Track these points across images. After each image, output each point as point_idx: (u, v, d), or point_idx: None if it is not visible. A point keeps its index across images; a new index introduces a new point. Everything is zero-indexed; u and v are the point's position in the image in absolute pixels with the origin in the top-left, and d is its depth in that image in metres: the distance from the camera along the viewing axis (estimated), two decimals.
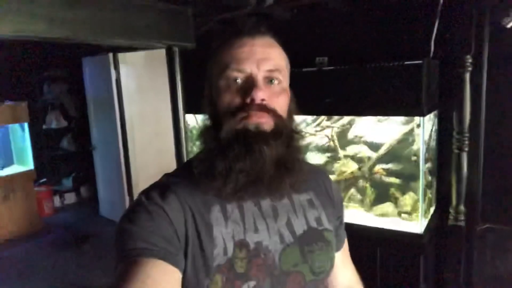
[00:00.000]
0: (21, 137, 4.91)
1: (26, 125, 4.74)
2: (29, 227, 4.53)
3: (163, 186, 0.77)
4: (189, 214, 0.74)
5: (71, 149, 5.56)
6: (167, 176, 0.83)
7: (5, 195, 4.38)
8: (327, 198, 0.92)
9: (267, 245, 0.77)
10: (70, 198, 5.59)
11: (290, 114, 0.82)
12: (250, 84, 0.74)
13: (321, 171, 1.00)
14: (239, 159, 0.71)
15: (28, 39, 2.06)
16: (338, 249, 0.95)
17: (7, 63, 4.89)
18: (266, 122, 0.74)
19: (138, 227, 0.70)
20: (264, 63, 0.75)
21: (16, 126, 4.80)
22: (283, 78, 0.79)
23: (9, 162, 4.91)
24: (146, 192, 0.76)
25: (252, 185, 0.73)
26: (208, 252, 0.72)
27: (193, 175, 0.77)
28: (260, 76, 0.75)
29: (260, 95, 0.73)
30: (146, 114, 4.40)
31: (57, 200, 5.41)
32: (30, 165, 4.79)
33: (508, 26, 1.73)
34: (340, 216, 0.97)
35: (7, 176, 4.46)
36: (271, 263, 0.76)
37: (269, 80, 0.76)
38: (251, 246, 0.75)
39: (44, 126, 5.31)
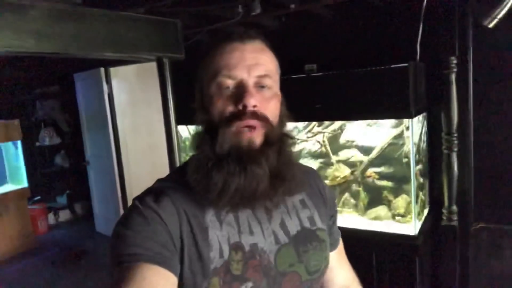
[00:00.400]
0: (14, 155, 4.89)
1: (19, 143, 4.73)
2: (24, 245, 4.49)
3: (157, 191, 0.77)
4: (183, 218, 0.74)
5: (65, 165, 5.53)
6: (160, 181, 0.83)
7: None
8: (319, 198, 0.93)
9: (262, 247, 0.77)
10: (65, 215, 5.55)
11: (282, 118, 0.82)
12: (241, 90, 0.74)
13: (312, 171, 1.00)
14: (234, 176, 0.71)
15: (16, 54, 2.07)
16: (333, 248, 0.95)
17: None
18: (258, 136, 0.75)
19: (133, 232, 0.70)
20: (255, 69, 0.75)
21: (9, 144, 4.79)
22: (274, 83, 0.79)
23: (2, 181, 4.88)
24: (140, 197, 0.76)
25: (246, 200, 0.74)
26: (205, 255, 0.72)
27: (186, 179, 0.77)
28: (251, 82, 0.75)
29: (251, 101, 0.73)
30: (139, 127, 4.40)
31: (51, 218, 5.37)
32: (23, 183, 4.76)
33: (490, 26, 1.76)
34: (333, 215, 0.97)
35: (0, 194, 4.43)
36: (267, 263, 0.77)
37: (260, 86, 0.76)
38: (246, 248, 0.76)
39: (37, 143, 5.29)
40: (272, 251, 0.78)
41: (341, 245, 1.01)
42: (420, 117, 2.25)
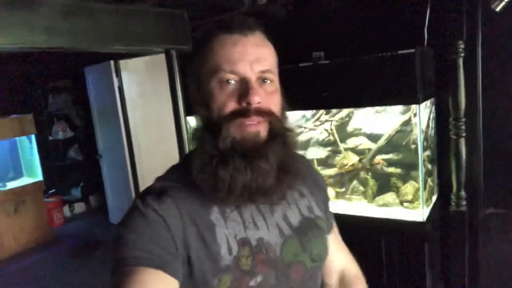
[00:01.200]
0: (29, 149, 4.99)
1: (33, 137, 4.82)
2: (40, 237, 4.60)
3: (159, 191, 0.76)
4: (187, 220, 0.73)
5: (78, 158, 5.63)
6: (161, 180, 0.81)
7: (16, 207, 4.46)
8: (314, 185, 0.94)
9: (268, 240, 0.78)
10: (80, 207, 5.66)
11: (283, 111, 0.82)
12: (244, 86, 0.73)
13: (304, 159, 1.01)
14: (240, 171, 0.71)
15: (28, 50, 2.11)
16: (328, 232, 0.96)
17: (12, 77, 4.98)
18: (262, 129, 0.75)
19: (134, 234, 0.69)
20: (258, 64, 0.74)
21: (24, 138, 4.88)
22: (275, 77, 0.79)
23: (18, 174, 5.00)
24: (142, 198, 0.75)
25: (254, 196, 0.74)
26: (215, 254, 0.72)
27: (187, 177, 0.76)
28: (253, 77, 0.74)
29: (256, 99, 0.73)
30: (150, 119, 4.45)
31: (66, 210, 5.48)
32: (39, 176, 4.86)
33: (498, 9, 1.74)
34: (325, 201, 0.98)
35: (17, 188, 4.54)
36: (274, 256, 0.78)
37: (262, 80, 0.76)
38: (253, 243, 0.76)
39: (50, 137, 5.39)
40: (277, 243, 0.79)
41: (335, 227, 1.02)
42: (428, 102, 2.24)
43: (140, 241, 0.68)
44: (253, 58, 0.74)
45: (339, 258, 0.99)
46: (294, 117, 2.53)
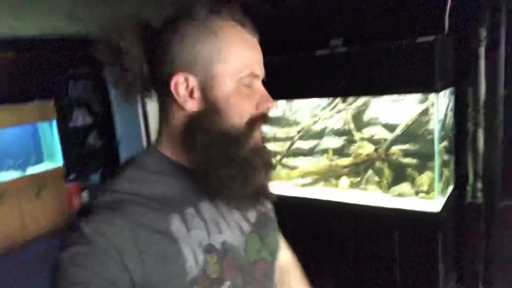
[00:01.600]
0: (49, 134, 5.09)
1: (54, 122, 4.92)
2: (60, 221, 4.71)
3: (108, 208, 0.65)
4: (145, 238, 0.65)
5: (98, 145, 5.72)
6: (107, 192, 0.70)
7: (37, 191, 4.58)
8: None
9: (231, 242, 0.76)
10: None
11: None
12: (263, 92, 0.73)
13: None
14: (262, 176, 0.72)
15: (48, 36, 2.16)
16: None
17: (33, 63, 5.06)
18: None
19: (77, 267, 0.60)
20: (262, 69, 0.74)
21: (45, 124, 4.99)
22: None
23: (39, 160, 5.12)
24: (87, 218, 0.64)
25: (261, 197, 0.76)
26: (181, 269, 0.67)
27: (140, 187, 0.70)
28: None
29: (272, 105, 0.73)
30: None
31: (86, 195, 5.60)
32: (59, 162, 4.97)
33: None
34: None
35: (38, 173, 4.66)
36: (239, 257, 0.76)
37: None
38: (218, 247, 0.73)
39: (70, 124, 5.48)
40: (240, 244, 0.77)
41: None
42: (447, 92, 2.20)
43: (84, 275, 0.59)
44: (262, 62, 0.74)
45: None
46: (310, 105, 2.53)
